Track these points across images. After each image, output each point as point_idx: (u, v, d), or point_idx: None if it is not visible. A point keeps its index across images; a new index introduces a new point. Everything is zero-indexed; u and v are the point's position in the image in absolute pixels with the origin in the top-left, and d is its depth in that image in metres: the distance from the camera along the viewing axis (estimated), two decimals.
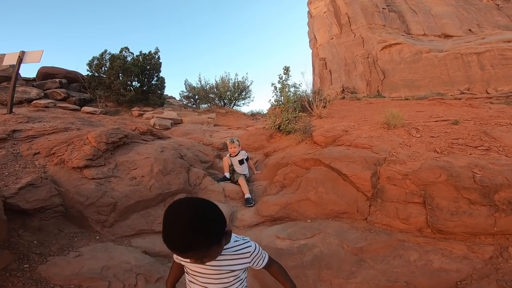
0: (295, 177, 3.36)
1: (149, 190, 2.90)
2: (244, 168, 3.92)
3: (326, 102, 5.81)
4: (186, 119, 8.23)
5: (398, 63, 18.97)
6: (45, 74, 8.69)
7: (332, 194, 2.87)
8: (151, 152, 3.39)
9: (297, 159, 3.45)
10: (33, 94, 7.43)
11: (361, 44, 21.01)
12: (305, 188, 3.02)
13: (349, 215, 2.78)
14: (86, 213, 2.54)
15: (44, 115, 5.42)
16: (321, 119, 5.09)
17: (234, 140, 3.87)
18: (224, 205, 3.21)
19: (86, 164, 2.91)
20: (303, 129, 4.35)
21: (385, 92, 18.34)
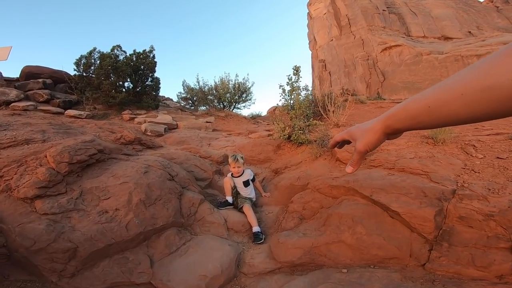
0: (319, 207, 2.60)
1: (125, 228, 2.12)
2: (250, 190, 3.16)
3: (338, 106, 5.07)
4: (182, 124, 7.46)
5: (398, 65, 18.80)
6: (29, 74, 7.90)
7: (375, 236, 2.12)
8: (131, 174, 2.62)
9: (320, 185, 2.69)
10: (12, 95, 6.65)
11: (361, 46, 20.92)
12: (337, 227, 2.26)
13: (398, 260, 2.06)
14: (34, 260, 1.78)
15: (15, 121, 4.63)
16: (338, 127, 4.34)
17: (237, 158, 3.11)
18: (227, 243, 2.44)
19: (38, 193, 2.13)
20: (321, 141, 3.59)
21: (385, 94, 18.26)
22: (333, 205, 2.58)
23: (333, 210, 2.40)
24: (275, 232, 2.80)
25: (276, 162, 4.17)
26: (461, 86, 0.45)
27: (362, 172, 2.64)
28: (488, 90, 0.41)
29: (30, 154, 2.63)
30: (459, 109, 0.45)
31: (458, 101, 0.45)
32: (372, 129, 0.66)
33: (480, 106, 0.43)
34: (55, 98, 7.36)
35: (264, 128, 8.28)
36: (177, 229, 2.45)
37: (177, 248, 2.27)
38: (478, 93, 0.42)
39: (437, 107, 0.49)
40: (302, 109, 4.50)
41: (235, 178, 3.15)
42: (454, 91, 0.46)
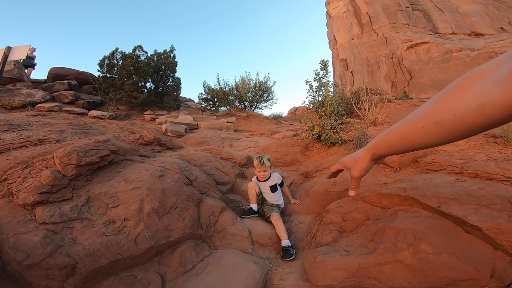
0: (363, 219, 2.14)
1: (134, 242, 1.80)
2: (277, 196, 2.76)
3: (371, 104, 4.53)
4: (202, 124, 7.22)
5: (426, 63, 18.02)
6: (55, 76, 8.07)
7: (446, 255, 1.65)
8: (144, 178, 2.31)
9: (366, 193, 2.22)
10: (38, 96, 6.75)
11: (384, 44, 20.32)
12: (392, 245, 1.80)
13: (475, 282, 1.58)
14: (27, 276, 1.49)
15: (35, 121, 4.58)
16: (376, 126, 3.82)
17: (263, 160, 2.71)
18: (252, 260, 2.05)
19: (39, 199, 1.87)
20: (358, 141, 3.11)
21: (412, 93, 17.58)
22: (382, 217, 2.11)
23: (386, 223, 1.93)
24: (308, 247, 2.38)
25: (305, 165, 3.73)
26: (421, 121, 0.58)
27: (420, 177, 2.14)
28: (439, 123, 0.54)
29: (39, 155, 2.41)
30: (422, 138, 0.59)
31: (420, 133, 0.59)
32: (362, 157, 0.83)
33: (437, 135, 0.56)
34: (79, 99, 7.42)
35: (288, 128, 7.84)
36: (194, 242, 2.10)
37: (194, 266, 1.92)
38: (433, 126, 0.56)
39: (407, 138, 0.64)
40: (333, 106, 4.03)
41: (260, 182, 2.76)
42: (417, 124, 0.60)
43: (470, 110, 0.49)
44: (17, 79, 6.87)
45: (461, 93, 0.51)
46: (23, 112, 6.17)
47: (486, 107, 0.46)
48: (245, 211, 2.73)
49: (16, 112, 6.17)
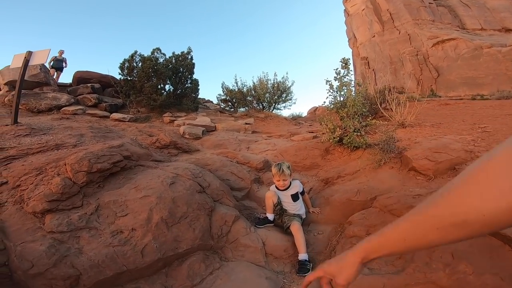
0: None
1: (140, 253, 1.71)
2: (299, 205, 2.56)
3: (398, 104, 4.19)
4: (220, 126, 7.15)
5: (454, 59, 17.17)
6: (80, 79, 8.37)
7: (488, 276, 1.43)
8: (155, 185, 2.22)
9: (395, 205, 1.99)
10: (63, 100, 7.02)
11: (407, 41, 19.65)
12: (425, 264, 1.59)
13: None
14: (31, 285, 1.46)
15: (58, 125, 4.71)
16: (404, 128, 3.50)
17: (283, 169, 2.47)
18: (264, 275, 1.89)
19: (48, 207, 1.83)
20: (385, 145, 2.85)
21: (440, 91, 16.92)
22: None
23: None
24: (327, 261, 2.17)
25: (325, 170, 3.50)
26: (434, 222, 0.49)
27: None
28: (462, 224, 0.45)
29: (52, 161, 2.40)
30: (438, 239, 0.50)
31: (435, 235, 0.50)
32: (349, 262, 0.70)
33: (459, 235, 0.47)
34: (102, 102, 7.63)
35: (307, 130, 7.58)
36: (204, 253, 1.97)
37: (202, 279, 1.79)
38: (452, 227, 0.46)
39: (414, 240, 0.54)
40: (357, 106, 3.76)
41: (280, 191, 2.56)
42: (428, 225, 0.50)
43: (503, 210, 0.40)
44: (44, 83, 7.17)
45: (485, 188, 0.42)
46: (49, 116, 6.43)
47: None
48: (260, 220, 2.57)
49: (42, 115, 6.44)
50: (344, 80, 4.17)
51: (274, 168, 2.54)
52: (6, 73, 6.76)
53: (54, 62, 9.29)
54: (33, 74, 6.91)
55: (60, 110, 6.72)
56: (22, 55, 4.07)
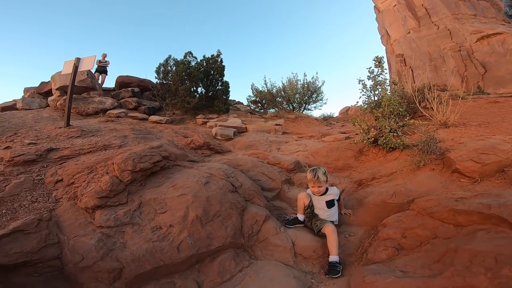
0: (430, 237, 1.83)
1: (176, 249, 1.82)
2: (333, 212, 2.50)
3: (440, 102, 3.90)
4: (251, 127, 7.25)
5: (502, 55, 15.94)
6: (121, 83, 9.04)
7: None
8: (191, 184, 2.35)
9: (435, 207, 1.88)
10: (108, 104, 7.62)
11: (448, 37, 18.69)
12: (465, 268, 1.51)
13: None
14: (80, 278, 1.63)
15: (104, 127, 5.15)
16: (447, 128, 3.27)
17: (318, 175, 2.38)
18: (292, 274, 1.90)
19: (98, 203, 2.03)
20: (425, 146, 2.69)
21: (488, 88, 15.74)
22: (455, 236, 1.77)
23: (460, 244, 1.61)
24: (357, 263, 2.13)
25: (359, 171, 3.40)
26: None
27: (509, 192, 1.72)
28: None
29: (102, 161, 2.65)
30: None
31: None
32: None
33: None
34: (141, 105, 8.16)
35: (339, 130, 7.38)
36: (235, 251, 2.04)
37: (232, 276, 1.85)
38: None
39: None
40: (392, 106, 3.58)
41: (315, 196, 2.50)
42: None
43: None
44: (90, 87, 7.87)
45: None
46: (96, 119, 7.04)
47: None
48: (289, 220, 2.57)
49: (90, 118, 7.08)
50: (378, 79, 4.00)
51: (309, 174, 2.46)
52: (58, 78, 7.51)
53: (99, 66, 9.92)
54: (81, 79, 7.60)
55: (105, 113, 7.33)
56: (71, 61, 4.51)
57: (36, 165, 2.87)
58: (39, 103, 8.06)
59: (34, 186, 2.53)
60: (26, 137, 4.02)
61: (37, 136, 4.08)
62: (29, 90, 8.93)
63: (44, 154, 3.09)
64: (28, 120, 6.19)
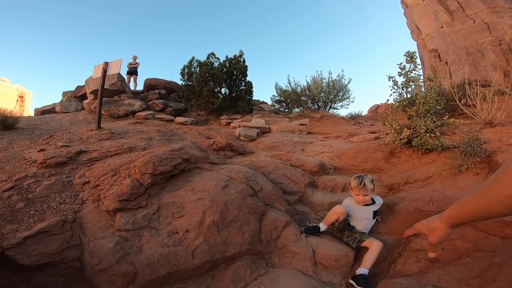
0: (470, 249, 1.63)
1: (191, 255, 1.77)
2: (373, 222, 2.33)
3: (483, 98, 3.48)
4: (275, 127, 7.13)
5: None
6: (149, 86, 9.37)
7: None
8: (209, 188, 2.29)
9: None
10: (136, 106, 7.93)
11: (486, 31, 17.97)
12: (509, 284, 1.32)
13: None
14: (96, 280, 1.65)
15: (132, 129, 5.33)
16: (493, 127, 2.91)
17: (365, 182, 2.18)
18: (310, 285, 1.77)
19: (119, 206, 2.05)
20: (467, 147, 2.39)
21: None
22: (502, 249, 1.56)
23: (507, 258, 1.41)
24: (385, 275, 1.95)
25: (390, 174, 3.14)
26: (496, 194, 0.61)
27: None
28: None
29: (125, 163, 2.70)
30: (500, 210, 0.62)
31: (497, 206, 0.61)
32: (439, 227, 0.88)
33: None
34: (168, 107, 8.39)
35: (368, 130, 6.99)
36: (251, 258, 1.95)
37: (246, 285, 1.76)
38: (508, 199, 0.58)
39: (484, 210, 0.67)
40: (429, 104, 3.27)
41: (356, 206, 2.28)
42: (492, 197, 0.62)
43: None
44: (121, 90, 8.23)
45: None
46: (126, 120, 7.35)
47: None
48: (308, 228, 2.40)
49: (121, 120, 7.40)
50: (411, 76, 3.69)
51: (355, 180, 2.24)
52: (91, 83, 7.95)
53: (130, 68, 10.33)
54: (112, 83, 7.98)
55: (134, 115, 7.62)
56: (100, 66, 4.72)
57: (66, 167, 3.00)
58: (75, 106, 8.61)
59: (63, 188, 2.64)
60: (60, 139, 4.26)
61: (70, 138, 4.32)
62: (66, 94, 9.58)
63: (75, 156, 3.23)
64: (64, 123, 6.62)
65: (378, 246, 2.01)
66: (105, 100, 7.77)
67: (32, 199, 2.36)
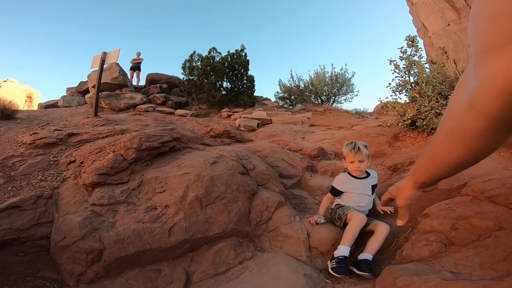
0: (492, 228, 1.40)
1: (167, 232, 1.61)
2: (372, 200, 2.03)
3: None
4: (276, 119, 6.96)
5: None
6: (151, 80, 9.32)
7: None
8: (196, 164, 2.14)
9: (498, 189, 1.44)
10: (137, 99, 7.87)
11: None
12: None
13: None
14: (58, 257, 1.50)
15: (130, 118, 5.24)
16: None
17: (359, 146, 1.92)
18: (302, 271, 1.55)
19: (97, 180, 1.91)
20: None
21: None
22: None
23: None
24: (390, 261, 1.73)
25: (393, 158, 2.95)
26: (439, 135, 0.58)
27: None
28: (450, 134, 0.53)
29: (112, 142, 2.58)
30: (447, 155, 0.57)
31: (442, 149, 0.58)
32: (404, 187, 0.83)
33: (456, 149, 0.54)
34: (169, 100, 8.31)
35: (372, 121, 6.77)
36: (237, 240, 1.78)
37: (228, 269, 1.58)
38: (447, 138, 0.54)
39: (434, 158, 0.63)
40: (432, 84, 3.07)
41: (355, 180, 1.98)
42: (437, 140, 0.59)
43: (465, 113, 0.47)
44: (122, 85, 8.20)
45: (456, 97, 0.52)
46: (126, 113, 7.29)
47: (474, 104, 0.45)
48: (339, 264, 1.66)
49: (121, 113, 7.34)
50: (413, 59, 3.50)
51: (347, 147, 1.94)
52: (93, 77, 7.93)
53: (133, 64, 10.32)
54: (113, 77, 7.95)
55: (135, 108, 7.56)
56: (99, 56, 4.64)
57: (55, 147, 2.90)
58: (78, 100, 8.60)
59: (48, 167, 2.52)
60: (55, 125, 4.19)
61: (65, 124, 4.24)
62: (70, 90, 9.60)
63: (65, 138, 3.13)
64: (65, 115, 6.58)
65: (385, 230, 1.75)
66: (106, 94, 7.74)
67: (13, 176, 2.25)
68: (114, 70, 7.69)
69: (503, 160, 1.81)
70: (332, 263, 1.63)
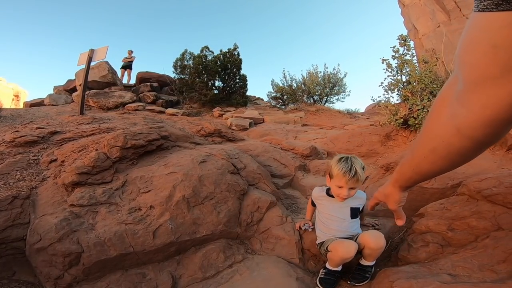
0: (490, 228, 1.36)
1: (152, 234, 1.51)
2: (356, 225, 1.62)
3: None
4: (268, 118, 6.90)
5: None
6: (142, 79, 9.13)
7: None
8: (184, 163, 2.05)
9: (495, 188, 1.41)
10: (127, 98, 7.69)
11: None
12: None
13: None
14: (33, 260, 1.40)
15: (117, 117, 5.09)
16: None
17: (357, 169, 1.42)
18: (294, 275, 1.46)
19: (77, 180, 1.80)
20: None
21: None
22: None
23: None
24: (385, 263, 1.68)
25: (386, 157, 2.92)
26: (421, 150, 0.61)
27: None
28: (434, 151, 0.56)
29: (96, 140, 2.46)
30: (430, 166, 0.61)
31: (425, 162, 0.61)
32: (391, 192, 0.89)
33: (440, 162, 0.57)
34: (159, 99, 8.15)
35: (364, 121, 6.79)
36: (227, 242, 1.70)
37: (217, 272, 1.50)
38: (430, 154, 0.58)
39: (417, 168, 0.66)
40: (424, 82, 3.07)
41: (331, 199, 1.59)
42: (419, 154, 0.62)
43: (451, 135, 0.49)
44: (111, 83, 7.99)
45: (439, 118, 0.53)
46: (115, 112, 7.10)
47: (462, 129, 0.47)
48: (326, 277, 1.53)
49: (110, 112, 7.15)
50: (405, 58, 3.51)
51: (339, 165, 1.44)
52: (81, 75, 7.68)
53: (125, 62, 10.05)
54: (102, 75, 7.74)
55: (124, 107, 7.38)
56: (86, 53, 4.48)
57: (36, 146, 2.76)
58: (65, 99, 8.35)
59: (27, 166, 2.39)
60: (38, 123, 4.02)
61: (49, 123, 4.08)
62: (57, 88, 9.32)
63: (47, 136, 2.99)
64: (51, 113, 6.36)
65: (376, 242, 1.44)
66: (94, 92, 7.54)
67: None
68: (103, 68, 7.49)
69: (497, 159, 1.79)
70: (321, 273, 1.54)
